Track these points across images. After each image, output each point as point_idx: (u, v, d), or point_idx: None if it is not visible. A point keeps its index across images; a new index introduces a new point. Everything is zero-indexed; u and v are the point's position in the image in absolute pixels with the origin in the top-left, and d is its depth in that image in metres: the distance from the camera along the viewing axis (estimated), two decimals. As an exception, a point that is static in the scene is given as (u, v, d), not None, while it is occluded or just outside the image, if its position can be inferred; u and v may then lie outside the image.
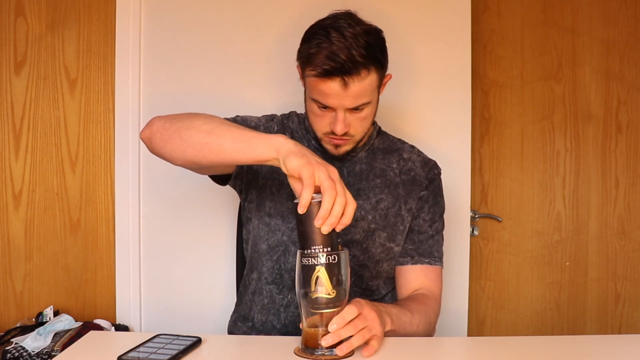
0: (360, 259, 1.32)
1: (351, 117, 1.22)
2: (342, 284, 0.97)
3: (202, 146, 1.09)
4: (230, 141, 1.06)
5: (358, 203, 1.31)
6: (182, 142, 1.11)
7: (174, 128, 1.13)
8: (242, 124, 1.32)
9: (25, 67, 1.84)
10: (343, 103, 1.19)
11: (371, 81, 1.19)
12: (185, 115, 1.17)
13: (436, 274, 1.35)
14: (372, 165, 1.36)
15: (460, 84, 1.86)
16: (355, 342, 0.98)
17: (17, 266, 1.86)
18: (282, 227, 1.31)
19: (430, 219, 1.36)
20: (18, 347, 1.60)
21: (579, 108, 2.09)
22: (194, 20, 1.84)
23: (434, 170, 1.39)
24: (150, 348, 0.98)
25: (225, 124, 1.11)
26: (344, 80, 1.15)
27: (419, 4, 1.85)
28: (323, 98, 1.19)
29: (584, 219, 2.11)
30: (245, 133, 1.06)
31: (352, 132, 1.25)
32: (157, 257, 1.87)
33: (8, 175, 1.85)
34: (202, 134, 1.09)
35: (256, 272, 1.36)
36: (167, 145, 1.14)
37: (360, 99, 1.19)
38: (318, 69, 1.15)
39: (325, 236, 0.95)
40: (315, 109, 1.23)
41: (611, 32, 2.08)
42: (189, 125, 1.11)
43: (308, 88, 1.24)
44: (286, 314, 1.31)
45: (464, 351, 1.16)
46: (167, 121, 1.16)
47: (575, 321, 2.12)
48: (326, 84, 1.16)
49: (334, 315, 0.98)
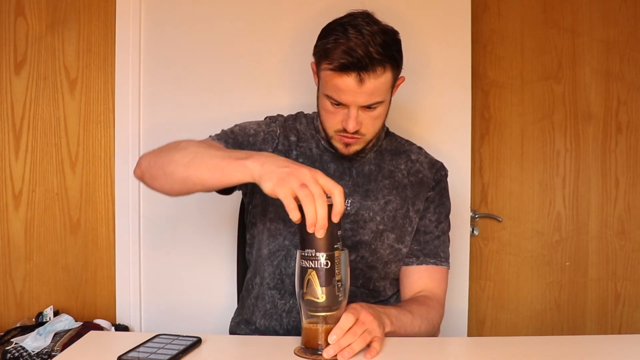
0: (369, 260, 1.31)
1: (364, 116, 1.22)
2: (335, 288, 0.97)
3: (184, 180, 1.10)
4: (206, 172, 1.06)
5: (367, 204, 1.31)
6: (168, 179, 1.12)
7: (158, 165, 1.14)
8: (240, 133, 1.31)
9: (25, 67, 1.84)
10: (357, 100, 1.18)
11: (386, 79, 1.19)
12: (168, 148, 1.16)
13: (441, 274, 1.35)
14: (380, 167, 1.36)
15: (460, 84, 1.86)
16: (357, 346, 0.98)
17: (17, 266, 1.86)
18: (284, 231, 1.31)
19: (436, 219, 1.37)
20: (18, 347, 1.60)
21: (579, 108, 2.09)
22: (194, 20, 1.84)
23: (441, 171, 1.40)
24: (150, 348, 0.98)
25: (201, 153, 1.09)
26: (360, 76, 1.15)
27: (419, 4, 1.85)
28: (337, 94, 1.19)
29: (584, 219, 2.11)
30: (219, 162, 1.05)
31: (363, 131, 1.24)
32: (157, 257, 1.87)
33: (8, 175, 1.85)
34: (181, 168, 1.09)
35: (259, 277, 1.35)
36: (157, 182, 1.16)
37: (374, 97, 1.19)
38: (335, 62, 1.16)
39: (320, 240, 0.95)
40: (328, 105, 1.23)
41: (611, 32, 2.08)
42: (169, 160, 1.12)
43: (322, 84, 1.23)
44: (288, 319, 1.31)
45: (464, 351, 1.16)
46: (152, 158, 1.16)
47: (575, 321, 2.12)
48: (342, 78, 1.16)
49: (329, 318, 0.98)
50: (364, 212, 1.31)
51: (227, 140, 1.29)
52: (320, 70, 1.23)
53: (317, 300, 0.97)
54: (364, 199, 1.32)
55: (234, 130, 1.33)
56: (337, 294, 0.98)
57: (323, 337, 0.98)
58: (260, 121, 1.38)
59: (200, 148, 1.11)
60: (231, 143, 1.29)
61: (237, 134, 1.32)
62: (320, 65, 1.23)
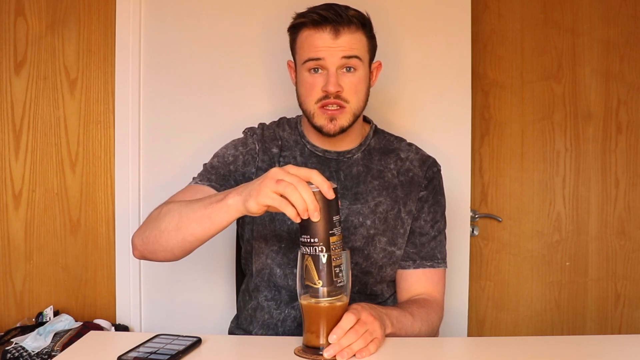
0: (363, 266, 1.30)
1: (343, 78, 1.23)
2: (333, 274, 0.96)
3: (180, 243, 1.11)
4: (196, 227, 1.08)
5: (356, 208, 1.30)
6: (166, 249, 1.14)
7: (151, 240, 1.15)
8: (221, 165, 1.31)
9: (25, 67, 1.84)
10: (334, 53, 1.21)
11: (361, 39, 1.24)
12: (152, 219, 1.17)
13: (439, 276, 1.34)
14: (369, 167, 1.34)
15: (460, 84, 1.86)
16: (357, 347, 0.97)
17: (17, 266, 1.86)
18: (266, 250, 1.31)
19: (431, 219, 1.35)
20: (18, 347, 1.60)
21: (579, 108, 2.09)
22: (194, 20, 1.84)
23: (433, 168, 1.37)
24: (150, 348, 0.98)
25: (184, 211, 1.10)
26: (336, 28, 1.20)
27: (419, 4, 1.85)
28: (314, 51, 1.22)
29: (584, 219, 2.11)
30: (203, 212, 1.06)
31: (345, 96, 1.24)
32: (157, 257, 1.87)
33: (8, 175, 1.85)
34: (173, 234, 1.11)
35: (255, 290, 1.35)
36: (158, 255, 1.17)
37: (352, 51, 1.22)
38: (309, 17, 1.22)
39: (314, 225, 0.95)
40: (307, 76, 1.25)
41: (611, 32, 2.08)
42: (159, 231, 1.13)
43: (299, 54, 1.27)
44: (283, 328, 1.31)
45: (464, 351, 1.16)
46: (143, 235, 1.17)
47: (575, 321, 2.12)
48: (318, 33, 1.21)
49: (327, 308, 0.97)
50: (354, 218, 1.30)
51: (210, 178, 1.29)
52: (297, 39, 1.27)
53: (314, 285, 0.97)
54: (353, 202, 1.30)
55: (213, 164, 1.32)
56: (334, 280, 0.97)
57: (324, 332, 0.98)
58: (236, 141, 1.37)
59: (182, 207, 1.12)
60: (214, 180, 1.28)
61: (217, 167, 1.31)
62: (296, 35, 1.27)
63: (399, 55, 1.84)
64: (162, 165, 1.85)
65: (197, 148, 1.79)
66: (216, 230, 1.07)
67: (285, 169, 0.96)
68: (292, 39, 1.30)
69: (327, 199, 0.95)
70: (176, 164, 1.83)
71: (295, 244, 1.24)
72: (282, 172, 0.96)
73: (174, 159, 1.84)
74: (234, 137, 1.40)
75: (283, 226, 1.29)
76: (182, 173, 1.81)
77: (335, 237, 0.97)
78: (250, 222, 1.34)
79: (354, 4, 1.27)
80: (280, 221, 1.30)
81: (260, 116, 1.51)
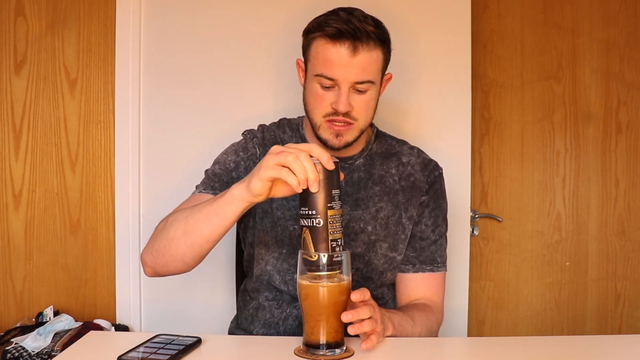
0: (364, 272, 1.29)
1: (354, 98, 1.19)
2: (330, 248, 0.96)
3: (190, 247, 1.11)
4: (204, 226, 1.08)
5: (357, 214, 1.29)
6: (177, 257, 1.13)
7: (160, 252, 1.14)
8: (223, 172, 1.30)
9: (25, 67, 1.84)
10: (348, 73, 1.16)
11: (377, 58, 1.18)
12: (159, 232, 1.17)
13: (438, 281, 1.34)
14: (370, 173, 1.32)
15: (460, 84, 1.86)
16: (367, 326, 0.98)
17: (17, 266, 1.86)
18: (266, 256, 1.30)
19: (432, 223, 1.34)
20: (18, 347, 1.60)
21: (579, 108, 2.09)
22: (194, 20, 1.84)
23: (435, 172, 1.36)
24: (150, 348, 0.98)
25: (190, 214, 1.10)
26: (354, 44, 1.14)
27: (419, 4, 1.85)
28: (328, 68, 1.16)
29: (584, 219, 2.11)
30: (208, 210, 1.06)
31: (355, 115, 1.20)
32: (157, 257, 1.86)
33: (8, 175, 1.85)
34: (181, 240, 1.10)
35: (256, 291, 1.35)
36: (171, 267, 1.16)
37: (366, 74, 1.17)
38: (329, 29, 1.14)
39: (312, 197, 0.95)
40: (318, 89, 1.19)
41: (611, 32, 2.08)
42: (168, 241, 1.12)
43: (312, 63, 1.20)
44: (285, 327, 1.31)
45: (464, 351, 1.16)
46: (152, 250, 1.16)
47: (575, 321, 2.12)
48: (335, 48, 1.15)
49: (326, 290, 0.96)
50: (354, 224, 1.29)
51: (214, 187, 1.28)
52: (311, 47, 1.20)
53: (310, 259, 0.96)
54: (354, 208, 1.29)
55: (215, 171, 1.31)
56: (331, 254, 0.96)
57: (323, 330, 0.98)
58: (236, 145, 1.35)
59: (187, 212, 1.12)
60: (218, 187, 1.27)
61: (219, 174, 1.30)
62: (311, 43, 1.20)
63: (399, 55, 1.83)
64: (162, 165, 1.85)
65: (198, 148, 1.79)
66: (224, 227, 1.07)
67: (284, 145, 0.98)
68: (305, 43, 1.23)
69: (327, 171, 0.96)
70: (176, 164, 1.83)
71: (297, 250, 1.24)
72: (280, 147, 0.97)
73: (174, 159, 1.84)
74: (234, 137, 1.39)
75: (285, 232, 1.29)
76: (182, 173, 1.82)
77: (333, 210, 0.96)
78: (252, 227, 1.34)
79: (352, 4, 1.26)
80: (282, 227, 1.29)
81: (261, 115, 1.51)
